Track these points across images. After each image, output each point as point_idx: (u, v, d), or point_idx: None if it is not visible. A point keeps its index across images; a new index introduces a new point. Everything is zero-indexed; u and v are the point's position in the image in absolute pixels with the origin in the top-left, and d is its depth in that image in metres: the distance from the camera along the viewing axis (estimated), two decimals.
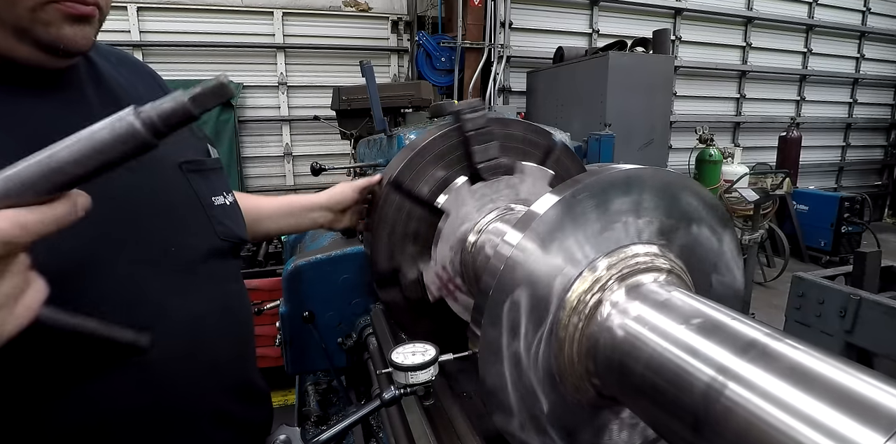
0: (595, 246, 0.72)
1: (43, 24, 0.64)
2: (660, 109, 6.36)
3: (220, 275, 0.83)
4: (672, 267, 0.75)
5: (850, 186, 10.40)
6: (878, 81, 10.35)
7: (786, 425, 0.47)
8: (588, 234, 0.71)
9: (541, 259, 0.69)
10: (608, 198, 0.71)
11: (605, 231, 0.72)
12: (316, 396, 1.72)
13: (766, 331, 0.57)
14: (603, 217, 0.72)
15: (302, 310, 1.46)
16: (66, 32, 0.66)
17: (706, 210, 0.80)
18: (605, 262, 0.72)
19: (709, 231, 0.81)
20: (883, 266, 2.27)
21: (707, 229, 0.81)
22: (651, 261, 0.73)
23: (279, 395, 3.80)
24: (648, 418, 0.68)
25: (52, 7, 0.64)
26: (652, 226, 0.76)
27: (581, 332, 0.71)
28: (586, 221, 0.71)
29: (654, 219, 0.76)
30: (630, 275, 0.72)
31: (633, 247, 0.74)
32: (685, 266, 0.78)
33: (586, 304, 0.70)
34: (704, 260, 0.82)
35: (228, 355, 0.83)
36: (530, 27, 7.38)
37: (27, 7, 0.62)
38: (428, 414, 0.93)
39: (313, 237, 2.04)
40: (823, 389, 0.47)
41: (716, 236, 0.82)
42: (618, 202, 0.72)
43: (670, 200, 0.76)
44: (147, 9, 5.81)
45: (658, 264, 0.74)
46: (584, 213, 0.70)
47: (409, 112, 4.59)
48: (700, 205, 0.79)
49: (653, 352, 0.63)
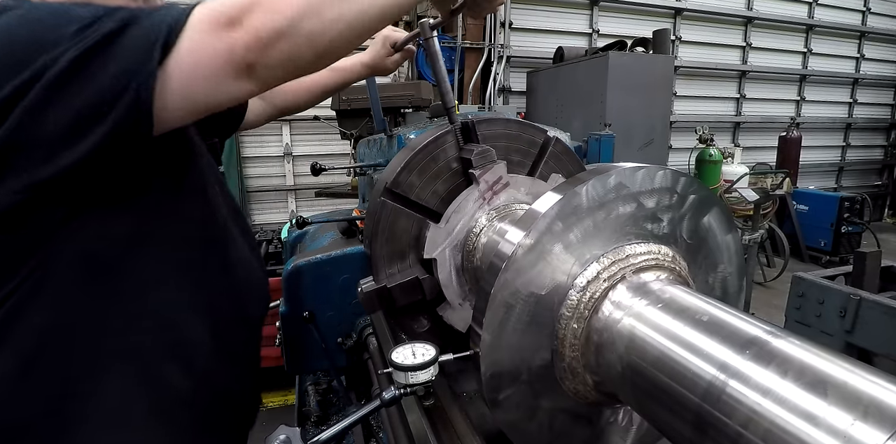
0: (596, 244, 0.72)
1: None
2: (660, 109, 6.36)
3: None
4: (673, 265, 0.75)
5: (850, 186, 10.40)
6: (878, 81, 10.35)
7: (788, 422, 0.47)
8: (589, 232, 0.71)
9: (542, 258, 0.69)
10: (609, 197, 0.71)
11: (606, 229, 0.72)
12: (316, 396, 1.72)
13: (767, 329, 0.57)
14: (604, 216, 0.72)
15: (302, 310, 1.46)
16: None
17: (707, 207, 0.80)
18: (606, 260, 0.72)
19: (708, 227, 0.81)
20: (883, 266, 2.27)
21: (707, 225, 0.81)
22: (652, 259, 0.73)
23: (279, 395, 3.79)
24: (650, 415, 0.68)
25: None
26: (653, 224, 0.76)
27: (582, 330, 0.71)
28: (587, 219, 0.71)
29: (655, 217, 0.76)
30: (631, 273, 0.72)
31: (635, 245, 0.74)
32: (686, 263, 0.78)
33: (588, 302, 0.70)
34: (705, 257, 0.82)
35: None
36: (530, 27, 7.37)
37: None
38: (428, 414, 0.93)
39: (313, 237, 2.04)
40: (825, 386, 0.47)
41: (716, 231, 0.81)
42: (620, 201, 0.72)
43: (672, 197, 0.76)
44: None
45: (659, 262, 0.74)
46: (586, 211, 0.70)
47: (409, 112, 4.58)
48: (702, 201, 0.79)
49: (654, 350, 0.62)
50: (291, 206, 6.84)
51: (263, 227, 6.01)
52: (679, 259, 0.77)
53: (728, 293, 0.86)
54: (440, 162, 1.07)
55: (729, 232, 0.83)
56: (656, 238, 0.77)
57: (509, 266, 0.68)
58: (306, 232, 2.12)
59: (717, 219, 0.81)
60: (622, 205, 0.73)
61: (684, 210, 0.78)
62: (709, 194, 0.80)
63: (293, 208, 6.82)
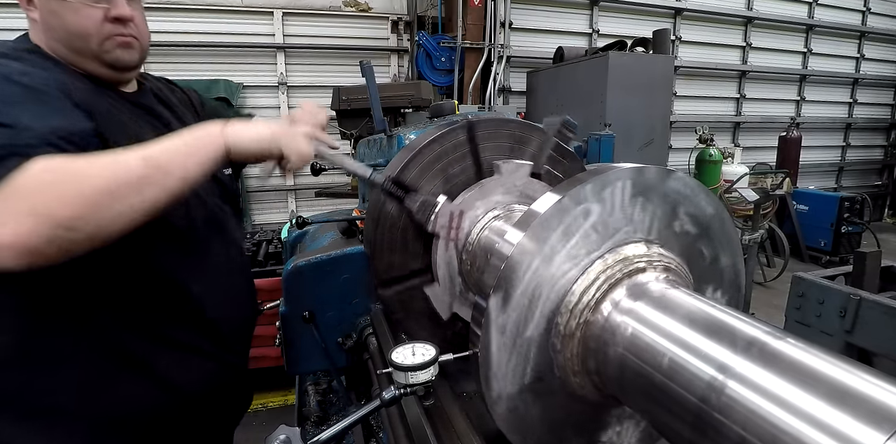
0: (596, 245, 0.72)
1: (106, 51, 1.09)
2: (660, 109, 6.35)
3: (227, 210, 1.36)
4: (671, 264, 0.75)
5: (850, 186, 10.40)
6: (878, 81, 10.34)
7: (787, 423, 0.47)
8: (588, 233, 0.71)
9: (541, 258, 0.69)
10: (609, 197, 0.71)
11: (605, 230, 0.72)
12: (316, 396, 1.72)
13: (766, 329, 0.57)
14: (604, 216, 0.72)
15: (302, 310, 1.46)
16: (119, 55, 1.11)
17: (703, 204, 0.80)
18: (605, 261, 0.72)
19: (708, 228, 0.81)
20: (883, 266, 2.27)
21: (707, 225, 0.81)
22: (651, 259, 0.73)
23: (279, 395, 3.79)
24: (649, 416, 0.68)
25: (109, 40, 1.08)
26: (652, 223, 0.76)
27: (582, 330, 0.71)
28: (587, 220, 0.71)
29: (654, 216, 0.76)
30: (630, 274, 0.72)
31: (634, 245, 0.74)
32: (685, 260, 0.78)
33: (587, 303, 0.70)
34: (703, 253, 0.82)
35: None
36: (530, 27, 7.37)
37: (96, 42, 1.07)
38: (428, 414, 0.93)
39: (313, 237, 2.04)
40: (824, 387, 0.47)
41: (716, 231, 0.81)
42: (619, 201, 0.72)
43: (669, 196, 0.76)
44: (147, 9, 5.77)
45: (658, 262, 0.74)
46: (585, 212, 0.70)
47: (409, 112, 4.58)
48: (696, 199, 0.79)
49: (653, 350, 0.63)
50: (291, 206, 6.83)
51: (263, 227, 6.01)
52: (676, 257, 0.77)
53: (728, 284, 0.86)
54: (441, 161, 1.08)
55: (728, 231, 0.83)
56: (656, 239, 0.77)
57: (508, 267, 0.68)
58: (306, 232, 2.12)
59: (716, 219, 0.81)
60: (621, 206, 0.73)
61: (684, 210, 0.78)
62: (707, 195, 0.80)
63: (293, 208, 6.81)
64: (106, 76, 1.13)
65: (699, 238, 0.81)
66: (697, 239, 0.81)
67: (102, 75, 1.12)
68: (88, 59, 1.08)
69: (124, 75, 1.17)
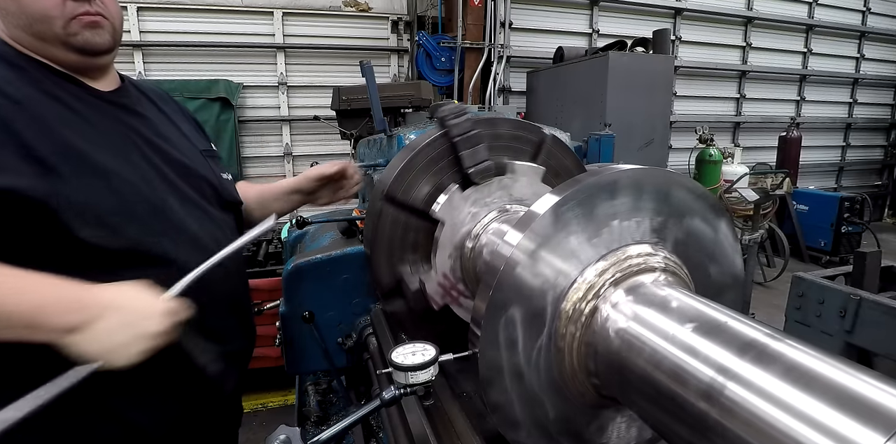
0: (595, 246, 0.72)
1: (72, 34, 0.97)
2: (660, 109, 6.35)
3: (221, 219, 1.21)
4: (669, 265, 0.75)
5: (850, 186, 10.39)
6: (878, 81, 10.34)
7: (786, 425, 0.47)
8: (588, 234, 0.71)
9: (541, 259, 0.69)
10: (608, 198, 0.71)
11: (605, 231, 0.72)
12: (316, 396, 1.72)
13: (765, 331, 0.57)
14: (603, 217, 0.72)
15: (302, 310, 1.46)
16: (88, 37, 0.99)
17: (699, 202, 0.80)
18: (604, 262, 0.72)
19: (703, 223, 0.81)
20: (883, 266, 2.27)
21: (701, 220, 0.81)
22: (649, 261, 0.73)
23: (279, 395, 3.79)
24: (649, 418, 0.68)
25: (74, 21, 0.96)
26: (649, 225, 0.76)
27: (581, 332, 0.71)
28: (586, 221, 0.71)
29: (651, 218, 0.76)
30: (629, 276, 0.72)
31: (633, 247, 0.74)
32: (682, 260, 0.78)
33: (587, 304, 0.70)
34: (701, 251, 0.82)
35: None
36: (530, 27, 7.36)
37: (60, 25, 0.96)
38: (428, 414, 0.93)
39: (313, 237, 2.04)
40: (823, 389, 0.47)
41: (710, 226, 0.81)
42: (618, 203, 0.72)
43: (666, 197, 0.76)
44: (147, 9, 5.79)
45: (656, 264, 0.74)
46: (584, 213, 0.70)
47: (409, 112, 4.58)
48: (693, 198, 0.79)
49: (652, 353, 0.63)
50: None
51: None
52: (674, 258, 0.77)
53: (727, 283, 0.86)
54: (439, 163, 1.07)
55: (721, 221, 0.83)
56: (656, 240, 0.77)
57: (508, 268, 0.68)
58: (306, 232, 2.12)
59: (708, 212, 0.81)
60: (621, 207, 0.73)
61: (683, 211, 0.78)
62: (701, 190, 0.80)
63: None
64: (76, 63, 1.01)
65: (698, 239, 0.81)
66: (697, 240, 0.81)
67: (72, 63, 1.01)
68: (55, 44, 0.97)
69: (96, 61, 1.04)
